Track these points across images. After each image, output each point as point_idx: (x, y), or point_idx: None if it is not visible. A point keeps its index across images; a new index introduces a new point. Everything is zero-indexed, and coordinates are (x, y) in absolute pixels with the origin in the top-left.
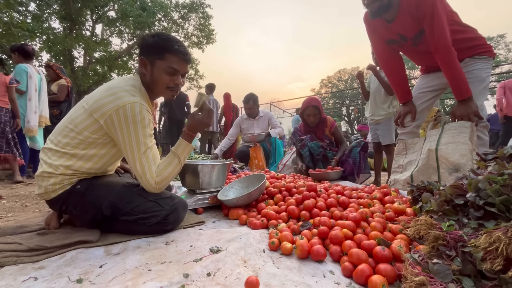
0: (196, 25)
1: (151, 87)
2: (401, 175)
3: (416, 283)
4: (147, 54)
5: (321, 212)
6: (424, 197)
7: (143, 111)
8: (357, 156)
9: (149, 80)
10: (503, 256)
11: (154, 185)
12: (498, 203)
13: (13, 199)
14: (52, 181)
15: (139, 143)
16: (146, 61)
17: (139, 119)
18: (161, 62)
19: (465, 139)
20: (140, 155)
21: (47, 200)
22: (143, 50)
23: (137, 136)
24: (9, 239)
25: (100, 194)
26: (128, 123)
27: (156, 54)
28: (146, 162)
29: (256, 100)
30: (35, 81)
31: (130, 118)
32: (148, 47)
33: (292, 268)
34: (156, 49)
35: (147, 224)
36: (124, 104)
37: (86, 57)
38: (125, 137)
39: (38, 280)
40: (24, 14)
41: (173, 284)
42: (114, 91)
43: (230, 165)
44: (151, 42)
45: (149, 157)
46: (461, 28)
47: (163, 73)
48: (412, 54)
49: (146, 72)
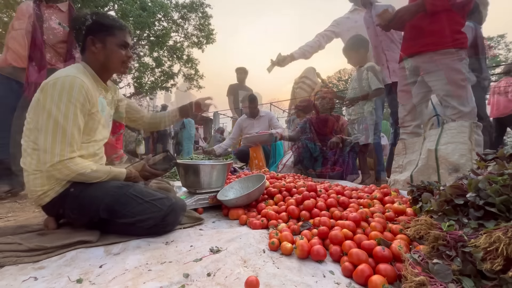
0: (196, 25)
1: (105, 65)
2: (401, 175)
3: (416, 283)
4: (95, 33)
5: (321, 212)
6: (424, 197)
7: (78, 86)
8: (346, 157)
9: (103, 58)
10: (503, 256)
11: (59, 160)
12: (498, 203)
13: (13, 199)
14: (38, 182)
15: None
16: (95, 39)
17: (67, 92)
18: (113, 38)
19: (465, 139)
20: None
21: (42, 206)
22: (89, 30)
23: (66, 112)
24: (9, 239)
25: (95, 196)
26: (57, 95)
27: (105, 31)
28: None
29: (254, 99)
30: None
31: (59, 90)
32: (94, 25)
33: (292, 268)
34: (104, 26)
35: (145, 227)
36: (58, 77)
37: None
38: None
39: (38, 280)
40: None
41: (173, 284)
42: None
43: (230, 165)
44: (97, 21)
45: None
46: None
47: (117, 48)
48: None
49: (96, 51)
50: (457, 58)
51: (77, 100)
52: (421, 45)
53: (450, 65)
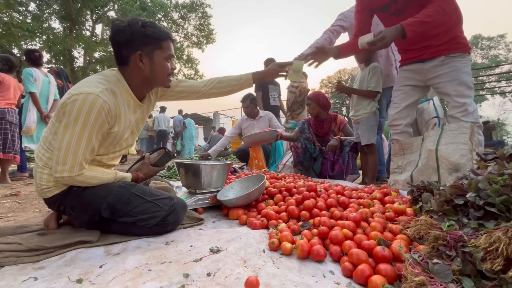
0: (196, 25)
1: (149, 80)
2: (401, 176)
3: (416, 283)
4: (142, 46)
5: (321, 212)
6: (424, 197)
7: (98, 107)
8: (346, 156)
9: (148, 73)
10: (503, 256)
11: (68, 176)
12: (498, 203)
13: (13, 199)
14: (45, 177)
15: (80, 143)
16: (143, 55)
17: (84, 114)
18: (160, 52)
19: (466, 139)
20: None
21: (44, 198)
22: (136, 43)
23: (81, 134)
24: (9, 239)
25: (97, 195)
26: (74, 116)
27: (153, 45)
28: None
29: (253, 99)
30: (39, 85)
31: (76, 110)
32: (142, 39)
33: (292, 268)
34: (152, 39)
35: (147, 226)
36: (80, 92)
37: (86, 57)
38: (68, 129)
39: (38, 280)
40: (24, 14)
41: (173, 284)
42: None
43: (230, 166)
44: (145, 34)
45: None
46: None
47: (164, 62)
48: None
49: (143, 66)
50: (467, 61)
51: (95, 121)
52: (433, 52)
53: (461, 67)
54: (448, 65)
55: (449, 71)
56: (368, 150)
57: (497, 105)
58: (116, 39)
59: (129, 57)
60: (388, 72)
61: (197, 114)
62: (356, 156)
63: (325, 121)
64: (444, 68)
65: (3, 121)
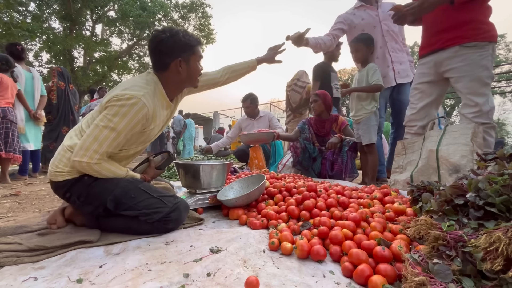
0: (196, 25)
1: (183, 82)
2: (401, 175)
3: (416, 283)
4: (181, 53)
5: (321, 212)
6: (424, 197)
7: (135, 110)
8: (345, 156)
9: (185, 76)
10: (503, 256)
11: (86, 162)
12: (498, 203)
13: (13, 199)
14: (64, 161)
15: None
16: (182, 61)
17: (123, 112)
18: (195, 56)
19: (467, 140)
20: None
21: (52, 181)
22: (176, 51)
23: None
24: (9, 239)
25: (105, 187)
26: (113, 111)
27: (190, 51)
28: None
29: (254, 99)
30: (22, 81)
31: (117, 107)
32: (181, 47)
33: (292, 268)
34: (190, 46)
35: (149, 221)
36: (125, 94)
37: (86, 57)
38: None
39: (38, 280)
40: (24, 14)
41: (173, 284)
42: (123, 85)
43: (230, 165)
44: (185, 42)
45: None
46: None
47: (197, 64)
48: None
49: (182, 71)
50: (486, 52)
51: (130, 121)
52: (446, 39)
53: (477, 60)
54: (462, 58)
55: (462, 65)
56: (368, 150)
57: (497, 105)
58: (159, 49)
59: (169, 64)
60: (384, 74)
61: (197, 114)
62: (355, 156)
63: (326, 121)
64: (456, 61)
65: (4, 120)
